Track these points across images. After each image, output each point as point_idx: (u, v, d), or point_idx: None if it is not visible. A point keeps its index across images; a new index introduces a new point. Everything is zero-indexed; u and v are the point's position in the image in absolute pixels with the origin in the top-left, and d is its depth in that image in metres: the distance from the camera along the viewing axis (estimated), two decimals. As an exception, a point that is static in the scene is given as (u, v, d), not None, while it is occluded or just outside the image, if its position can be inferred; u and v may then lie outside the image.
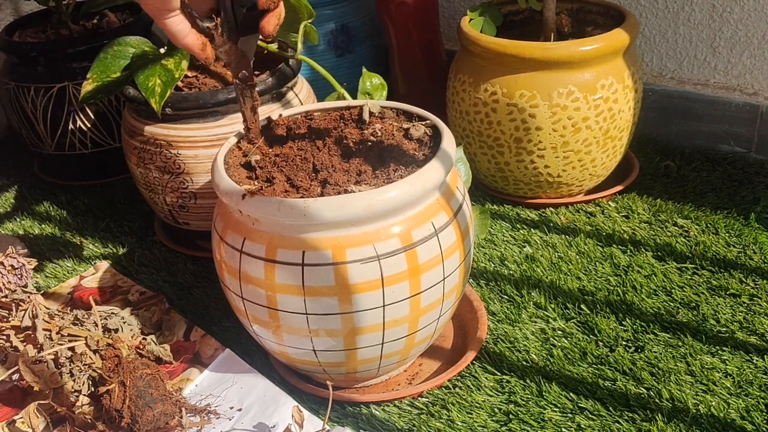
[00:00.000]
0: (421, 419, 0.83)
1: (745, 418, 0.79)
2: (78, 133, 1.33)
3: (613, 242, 1.08)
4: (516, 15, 1.26)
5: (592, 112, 1.08)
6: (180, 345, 0.95)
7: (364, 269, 0.72)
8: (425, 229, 0.74)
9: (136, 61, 1.04)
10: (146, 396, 0.80)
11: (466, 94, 1.14)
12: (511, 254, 1.08)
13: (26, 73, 1.32)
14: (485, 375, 0.88)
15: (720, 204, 1.15)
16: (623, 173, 1.23)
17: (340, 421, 0.84)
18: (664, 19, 1.30)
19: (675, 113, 1.34)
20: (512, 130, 1.11)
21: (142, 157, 1.06)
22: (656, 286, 0.99)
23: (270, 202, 0.72)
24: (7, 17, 1.53)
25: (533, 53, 1.07)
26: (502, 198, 1.22)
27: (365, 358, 0.79)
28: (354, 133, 0.82)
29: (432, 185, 0.74)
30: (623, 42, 1.08)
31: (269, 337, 0.80)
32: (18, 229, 1.26)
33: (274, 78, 1.04)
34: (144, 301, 1.03)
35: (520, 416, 0.82)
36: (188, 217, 1.09)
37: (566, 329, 0.93)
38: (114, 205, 1.31)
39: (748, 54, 1.25)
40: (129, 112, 1.09)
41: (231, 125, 1.02)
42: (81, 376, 0.86)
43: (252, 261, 0.74)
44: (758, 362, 0.86)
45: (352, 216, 0.71)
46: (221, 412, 0.84)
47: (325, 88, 1.04)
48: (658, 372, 0.86)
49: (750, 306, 0.95)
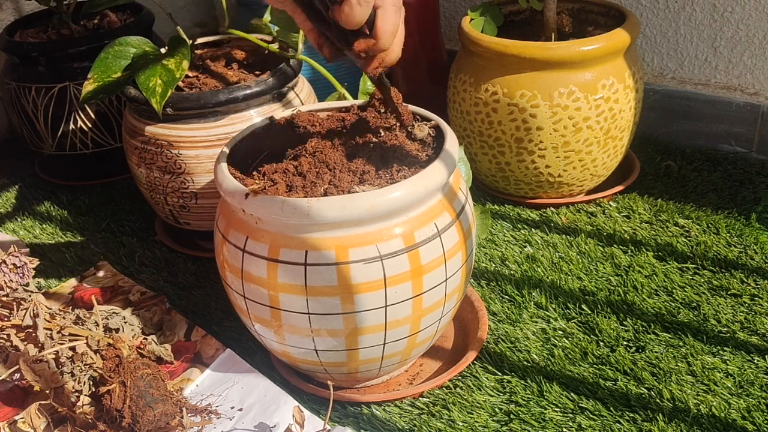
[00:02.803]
0: (422, 419, 0.83)
1: (746, 418, 0.80)
2: (79, 133, 1.33)
3: (614, 242, 1.08)
4: (517, 15, 1.26)
5: (593, 112, 1.08)
6: (181, 345, 0.95)
7: (367, 269, 0.72)
8: (428, 230, 0.74)
9: (137, 61, 1.04)
10: (147, 396, 0.80)
11: (467, 94, 1.14)
12: (511, 254, 1.08)
13: (27, 73, 1.32)
14: (486, 375, 0.88)
15: (721, 204, 1.15)
16: (624, 173, 1.23)
17: (341, 421, 0.84)
18: (665, 18, 1.30)
19: (676, 113, 1.34)
20: (513, 130, 1.11)
21: (143, 157, 1.06)
22: (657, 286, 0.99)
23: (273, 202, 0.72)
24: (8, 17, 1.53)
25: (534, 53, 1.07)
26: (502, 198, 1.22)
27: (367, 358, 0.79)
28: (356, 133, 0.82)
29: (435, 186, 0.74)
30: (624, 42, 1.08)
31: (271, 337, 0.80)
32: (19, 228, 1.26)
33: (274, 78, 1.04)
34: (145, 301, 1.03)
35: (521, 416, 0.82)
36: (189, 217, 1.09)
37: (567, 329, 0.93)
38: (115, 205, 1.31)
39: (749, 54, 1.25)
40: (130, 112, 1.09)
41: (232, 125, 1.02)
42: (82, 375, 0.86)
43: (255, 260, 0.74)
44: (759, 362, 0.86)
45: (355, 216, 0.71)
46: (222, 412, 0.84)
47: (326, 88, 1.04)
48: (659, 372, 0.86)
49: (751, 306, 0.95)
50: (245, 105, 1.03)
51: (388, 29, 0.66)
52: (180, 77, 0.98)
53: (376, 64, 0.69)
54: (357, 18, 0.63)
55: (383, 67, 0.70)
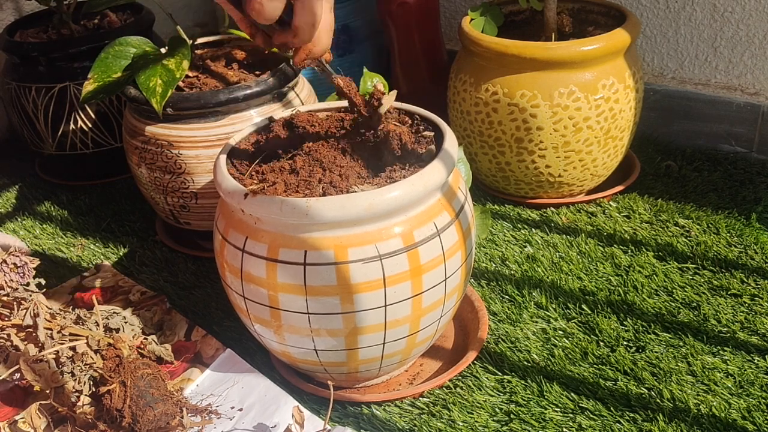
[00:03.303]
0: (422, 419, 0.83)
1: (747, 418, 0.79)
2: (79, 133, 1.33)
3: (614, 242, 1.08)
4: (517, 15, 1.26)
5: (593, 112, 1.08)
6: (181, 345, 0.95)
7: (366, 269, 0.72)
8: (427, 230, 0.74)
9: (137, 61, 1.04)
10: (147, 396, 0.80)
11: (467, 94, 1.14)
12: (512, 254, 1.08)
13: (27, 73, 1.32)
14: (486, 375, 0.88)
15: (721, 204, 1.15)
16: (624, 173, 1.23)
17: (341, 421, 0.84)
18: (665, 18, 1.30)
19: (676, 113, 1.34)
20: (513, 130, 1.11)
21: (143, 157, 1.06)
22: (657, 286, 0.99)
23: (272, 202, 0.72)
24: (9, 17, 1.53)
25: (534, 53, 1.07)
26: (503, 198, 1.22)
27: (366, 358, 0.79)
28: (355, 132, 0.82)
29: (434, 185, 0.74)
30: (624, 42, 1.08)
31: (271, 337, 0.80)
32: (19, 228, 1.26)
33: (275, 78, 1.04)
34: (145, 301, 1.03)
35: (521, 416, 0.82)
36: (189, 217, 1.09)
37: (567, 329, 0.93)
38: (115, 204, 1.31)
39: (749, 54, 1.25)
40: (130, 112, 1.09)
41: (232, 125, 1.02)
42: (82, 375, 0.86)
43: (254, 260, 0.74)
44: (759, 362, 0.86)
45: (354, 216, 0.71)
46: (222, 412, 0.84)
47: (326, 88, 1.04)
48: (659, 372, 0.86)
49: (751, 306, 0.95)
50: (245, 105, 1.03)
51: (305, 22, 0.65)
52: (180, 77, 0.98)
53: (303, 55, 0.70)
54: (268, 14, 0.63)
55: (311, 58, 0.70)
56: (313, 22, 0.65)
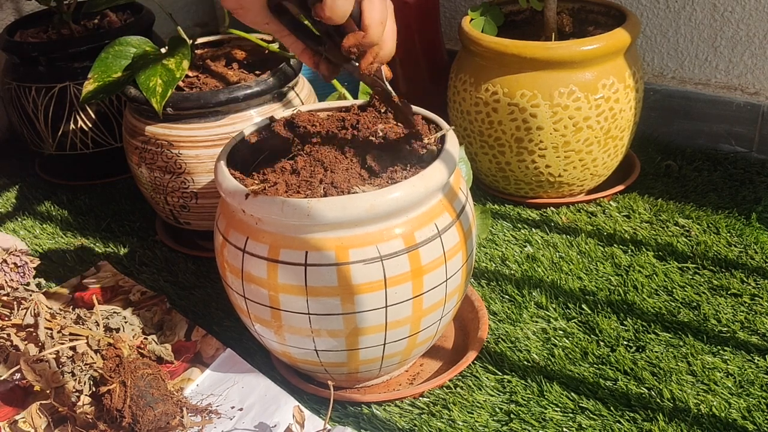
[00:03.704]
0: (423, 419, 0.83)
1: (747, 418, 0.80)
2: (79, 132, 1.33)
3: (614, 242, 1.08)
4: (517, 15, 1.26)
5: (593, 111, 1.08)
6: (181, 345, 0.95)
7: (367, 270, 0.72)
8: (428, 230, 0.74)
9: (137, 61, 1.04)
10: (147, 396, 0.80)
11: (467, 93, 1.14)
12: (512, 254, 1.08)
13: (27, 73, 1.32)
14: (486, 375, 0.88)
15: (721, 204, 1.15)
16: (624, 173, 1.23)
17: (342, 421, 0.84)
18: (665, 18, 1.30)
19: (676, 113, 1.34)
20: (513, 129, 1.11)
21: (143, 156, 1.06)
22: (657, 285, 0.99)
23: (273, 202, 0.72)
24: (8, 17, 1.53)
25: (534, 53, 1.07)
26: (503, 198, 1.22)
27: (367, 358, 0.79)
28: (356, 133, 0.82)
29: (435, 186, 0.74)
30: (624, 42, 1.08)
31: (271, 337, 0.80)
32: (19, 228, 1.26)
33: (275, 78, 1.04)
34: (145, 301, 1.03)
35: (521, 416, 0.82)
36: (189, 217, 1.09)
37: (567, 329, 0.93)
38: (115, 204, 1.31)
39: (749, 54, 1.25)
40: (130, 111, 1.09)
41: (232, 125, 1.02)
42: (82, 375, 0.86)
43: (255, 261, 0.74)
44: (759, 362, 0.86)
45: (355, 217, 0.71)
46: (222, 412, 0.84)
47: (326, 87, 1.04)
48: (660, 372, 0.86)
49: (751, 306, 0.95)
50: (245, 105, 1.03)
51: (375, 18, 0.64)
52: (180, 77, 0.98)
53: (370, 59, 0.67)
54: (340, 10, 0.62)
55: (378, 62, 0.68)
56: (381, 19, 0.65)
